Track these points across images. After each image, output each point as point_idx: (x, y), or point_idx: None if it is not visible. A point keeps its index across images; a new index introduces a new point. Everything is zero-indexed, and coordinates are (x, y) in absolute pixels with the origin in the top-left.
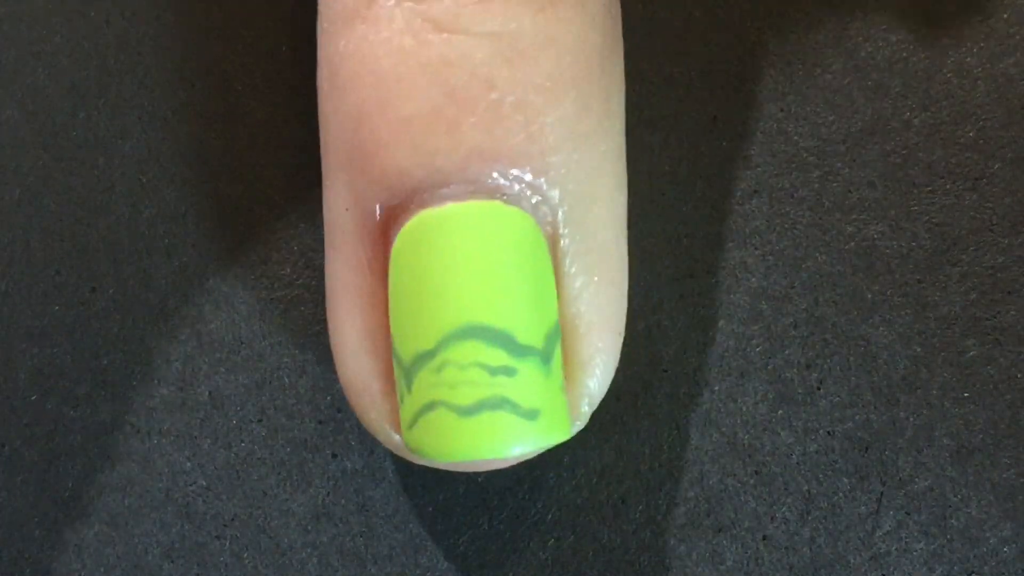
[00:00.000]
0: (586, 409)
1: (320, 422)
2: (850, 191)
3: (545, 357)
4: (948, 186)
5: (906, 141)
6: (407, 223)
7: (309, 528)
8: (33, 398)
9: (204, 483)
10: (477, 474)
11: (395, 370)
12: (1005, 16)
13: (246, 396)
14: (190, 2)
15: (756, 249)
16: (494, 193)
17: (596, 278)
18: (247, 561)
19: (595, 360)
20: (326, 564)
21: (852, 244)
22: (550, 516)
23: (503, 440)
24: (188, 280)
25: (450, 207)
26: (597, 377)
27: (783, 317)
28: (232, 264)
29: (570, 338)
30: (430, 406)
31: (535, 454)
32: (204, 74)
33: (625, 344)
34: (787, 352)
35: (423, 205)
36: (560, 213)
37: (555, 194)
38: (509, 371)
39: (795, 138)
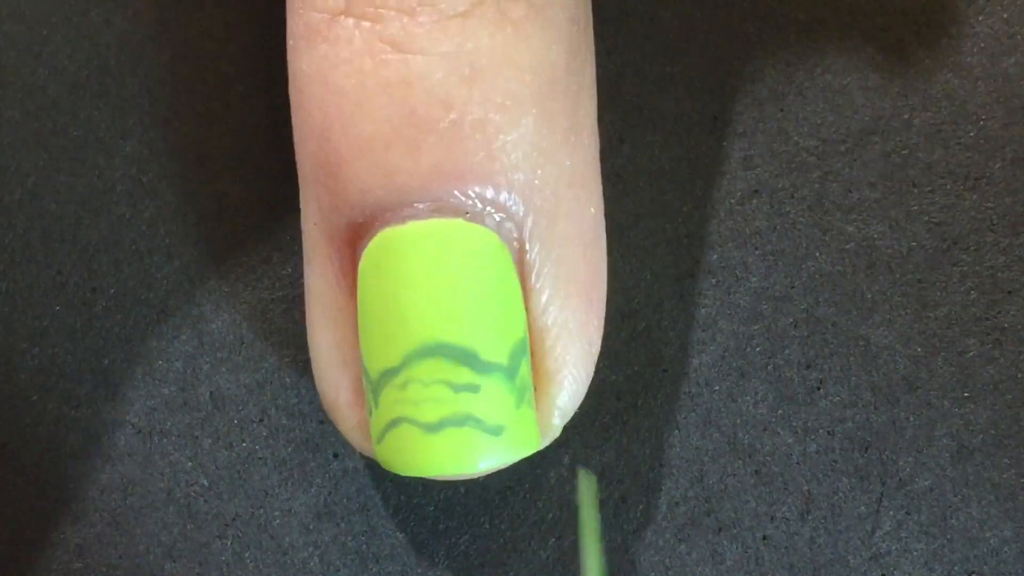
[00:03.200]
0: (557, 421)
1: (322, 422)
2: (850, 191)
3: (510, 373)
4: (948, 186)
5: (906, 141)
6: (371, 241)
7: (311, 528)
8: (33, 398)
9: (206, 483)
10: None
11: (364, 383)
12: (1005, 16)
13: (247, 396)
14: (190, 2)
15: (756, 249)
16: (456, 211)
17: (564, 292)
18: (249, 561)
19: (563, 373)
20: (328, 563)
21: (852, 244)
22: (550, 516)
23: (468, 456)
24: (189, 280)
25: (412, 225)
26: (566, 389)
27: (783, 317)
28: (233, 264)
29: (538, 351)
30: (396, 422)
31: (505, 465)
32: (204, 74)
33: (625, 344)
34: (787, 352)
35: (386, 223)
36: (525, 229)
37: (519, 210)
38: (473, 388)
39: (795, 138)
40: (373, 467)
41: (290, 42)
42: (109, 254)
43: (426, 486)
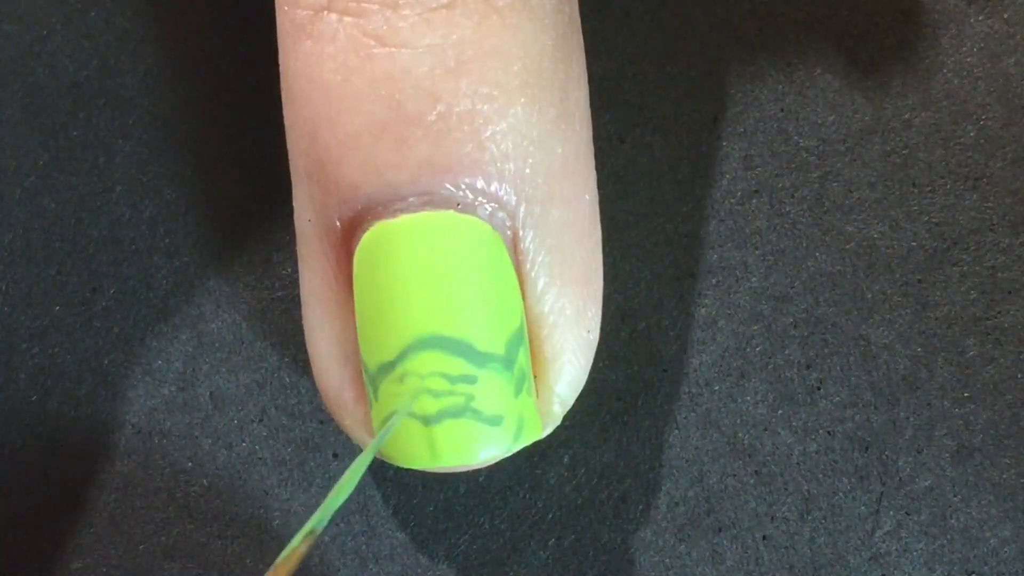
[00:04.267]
0: (557, 409)
1: (321, 422)
2: (850, 191)
3: (507, 362)
4: (948, 186)
5: (906, 141)
6: (364, 236)
7: None
8: (33, 398)
9: (205, 483)
10: (478, 473)
11: (364, 377)
12: (1005, 16)
13: (247, 396)
14: (190, 2)
15: (756, 249)
16: (447, 203)
17: (560, 279)
18: (248, 561)
19: (561, 359)
20: (327, 564)
21: (852, 244)
22: (550, 516)
23: (467, 447)
24: (189, 280)
25: (403, 219)
26: (565, 376)
27: (783, 317)
28: (233, 264)
29: (536, 339)
30: (394, 415)
31: (507, 454)
32: (204, 74)
33: (625, 344)
34: (787, 352)
35: (377, 218)
36: (519, 217)
37: (511, 199)
38: (469, 379)
39: (795, 138)
40: (373, 467)
41: (279, 39)
42: (109, 254)
43: (425, 486)
